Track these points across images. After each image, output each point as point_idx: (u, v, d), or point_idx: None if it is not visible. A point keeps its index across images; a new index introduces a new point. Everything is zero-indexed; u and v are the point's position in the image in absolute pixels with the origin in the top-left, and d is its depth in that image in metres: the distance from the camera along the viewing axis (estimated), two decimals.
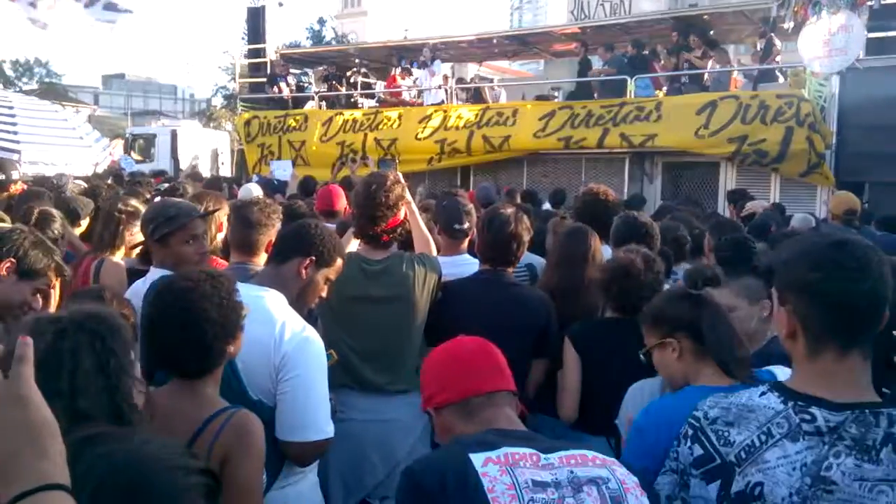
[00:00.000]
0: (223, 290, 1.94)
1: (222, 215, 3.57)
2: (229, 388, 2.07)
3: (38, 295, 2.32)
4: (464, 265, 3.52)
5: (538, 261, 4.06)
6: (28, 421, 0.92)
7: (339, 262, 2.56)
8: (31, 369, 0.95)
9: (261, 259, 3.01)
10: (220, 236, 3.59)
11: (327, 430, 2.24)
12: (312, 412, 2.20)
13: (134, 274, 3.29)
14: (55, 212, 3.88)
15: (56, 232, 3.70)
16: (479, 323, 2.41)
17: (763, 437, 1.45)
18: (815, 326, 1.46)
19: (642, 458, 1.85)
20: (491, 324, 2.51)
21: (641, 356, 2.25)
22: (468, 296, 3.14)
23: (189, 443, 1.78)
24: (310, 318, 2.54)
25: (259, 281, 2.44)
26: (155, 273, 2.81)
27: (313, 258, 2.44)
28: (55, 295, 2.44)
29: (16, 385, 0.93)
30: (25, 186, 5.80)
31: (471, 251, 3.68)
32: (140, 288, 2.70)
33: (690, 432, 1.58)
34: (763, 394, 1.52)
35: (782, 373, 1.95)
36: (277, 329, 2.22)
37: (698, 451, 1.55)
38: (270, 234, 2.95)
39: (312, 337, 2.29)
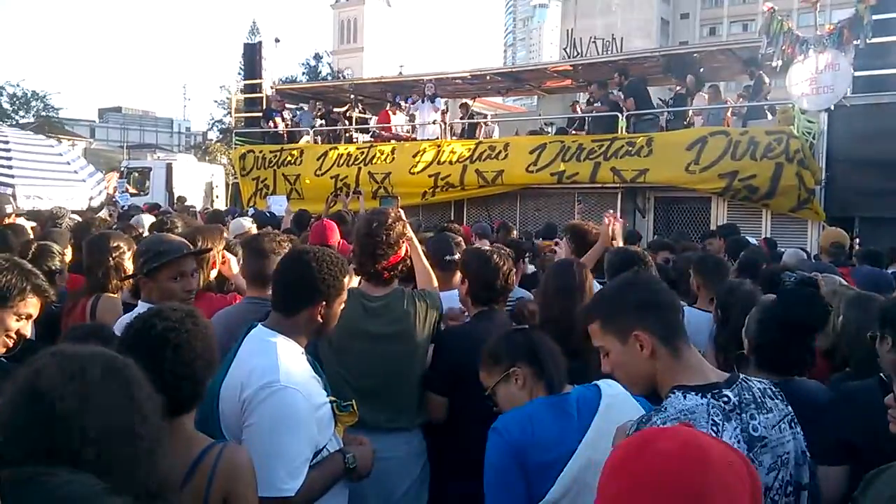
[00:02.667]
0: (202, 324, 1.95)
1: (216, 253, 3.58)
2: (205, 425, 2.05)
3: (23, 319, 2.21)
4: (456, 300, 3.52)
5: (529, 296, 4.07)
6: None
7: (347, 281, 2.44)
8: None
9: None
10: (214, 272, 3.59)
11: (283, 487, 2.07)
12: (266, 467, 2.03)
13: (126, 307, 3.28)
14: (56, 247, 3.88)
15: (55, 266, 3.70)
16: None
17: (715, 429, 1.66)
18: (665, 335, 1.77)
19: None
20: None
21: (487, 398, 2.32)
22: (466, 342, 2.98)
23: (185, 479, 1.76)
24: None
25: (271, 327, 2.35)
26: (142, 307, 2.78)
27: (324, 302, 2.33)
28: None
29: None
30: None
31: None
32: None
33: None
34: (685, 396, 1.72)
35: (606, 385, 2.13)
36: (245, 373, 2.17)
37: None
38: None
39: (280, 390, 2.13)
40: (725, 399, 1.70)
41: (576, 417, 2.08)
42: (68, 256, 4.40)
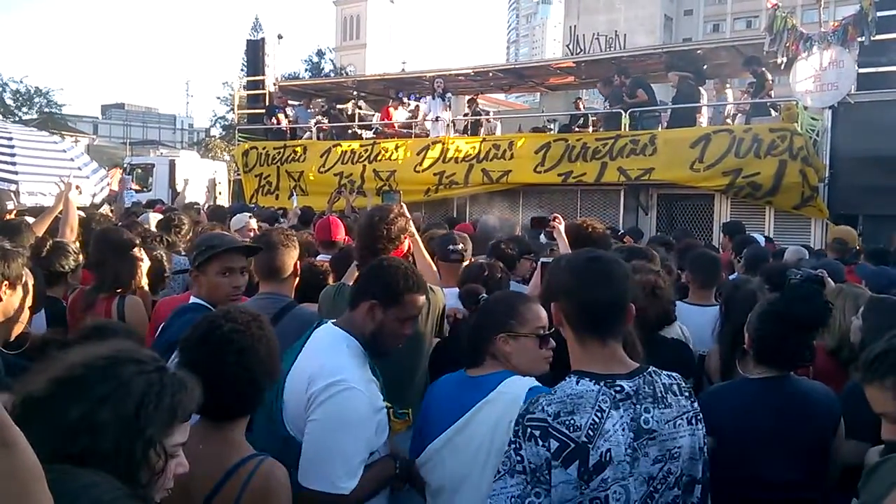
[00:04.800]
0: (268, 331, 1.91)
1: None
2: (269, 419, 2.06)
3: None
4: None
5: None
6: (12, 468, 0.89)
7: (413, 300, 2.41)
8: (6, 413, 0.91)
9: (289, 285, 3.07)
10: None
11: (340, 485, 2.11)
12: (324, 462, 2.11)
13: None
14: (72, 246, 3.89)
15: (67, 266, 3.71)
16: None
17: (599, 414, 1.75)
18: (574, 322, 1.88)
19: None
20: None
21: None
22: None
23: (215, 488, 1.73)
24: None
25: (340, 325, 2.40)
26: (192, 301, 2.90)
27: (376, 301, 2.35)
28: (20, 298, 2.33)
29: (2, 430, 0.89)
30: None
31: None
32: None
33: (538, 433, 1.75)
34: (578, 382, 1.81)
35: (513, 383, 2.25)
36: (315, 368, 2.20)
37: (555, 444, 1.73)
38: (294, 255, 3.05)
39: (346, 389, 2.17)
40: (618, 388, 1.79)
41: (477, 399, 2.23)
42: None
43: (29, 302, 2.34)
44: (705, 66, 12.70)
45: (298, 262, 3.19)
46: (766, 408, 2.49)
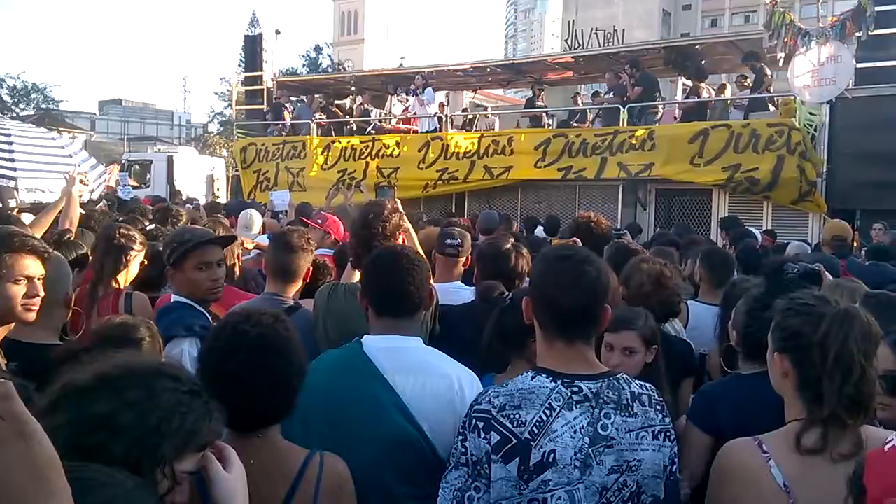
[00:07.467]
0: (293, 330, 1.84)
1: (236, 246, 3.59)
2: (304, 423, 1.95)
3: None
4: (456, 292, 3.52)
5: None
6: (31, 459, 0.90)
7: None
8: (23, 405, 0.92)
9: (296, 288, 3.08)
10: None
11: None
12: None
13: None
14: (83, 244, 3.89)
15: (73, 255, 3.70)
16: (472, 352, 2.42)
17: (548, 412, 1.68)
18: (542, 321, 1.81)
19: None
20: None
21: None
22: (464, 323, 3.12)
23: (287, 497, 1.68)
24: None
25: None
26: (174, 300, 2.88)
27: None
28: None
29: (17, 423, 0.90)
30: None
31: (465, 280, 3.70)
32: None
33: (481, 424, 1.71)
34: (533, 377, 1.74)
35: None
36: (456, 382, 2.08)
37: (496, 437, 1.68)
38: (309, 259, 3.07)
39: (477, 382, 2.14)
40: (576, 389, 1.71)
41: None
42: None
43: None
44: (703, 62, 12.70)
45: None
46: (763, 405, 2.49)
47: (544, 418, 1.67)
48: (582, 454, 1.66)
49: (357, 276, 3.17)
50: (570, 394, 1.70)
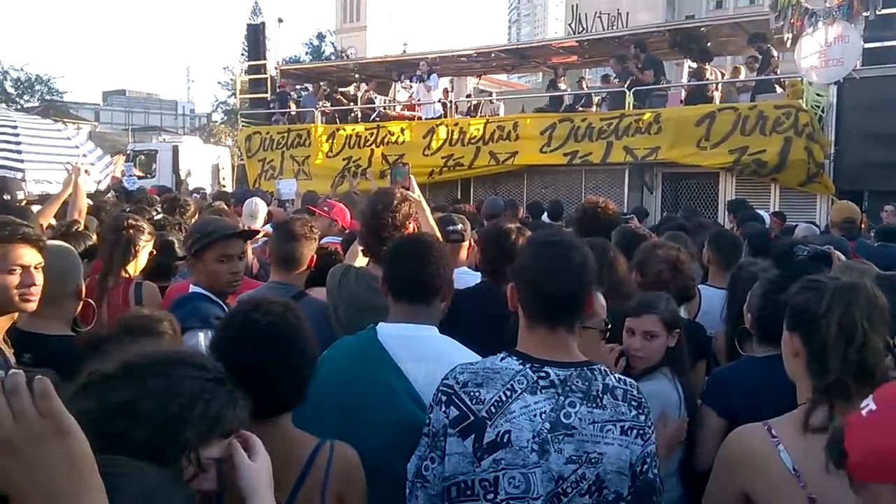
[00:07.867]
0: (304, 318, 1.84)
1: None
2: (315, 412, 1.95)
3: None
4: (462, 277, 3.51)
5: None
6: (69, 455, 0.91)
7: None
8: (61, 403, 0.93)
9: (302, 277, 3.08)
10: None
11: None
12: None
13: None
14: (91, 234, 3.91)
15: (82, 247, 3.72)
16: (476, 334, 2.41)
17: (508, 393, 1.69)
18: (527, 307, 1.80)
19: None
20: (486, 334, 2.51)
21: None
22: (466, 306, 3.09)
23: (297, 484, 1.70)
24: None
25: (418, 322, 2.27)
26: (192, 290, 2.89)
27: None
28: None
29: (56, 420, 0.91)
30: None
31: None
32: None
33: (444, 398, 1.75)
34: (503, 358, 1.76)
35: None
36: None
37: (454, 412, 1.72)
38: (313, 248, 3.10)
39: None
40: (544, 374, 1.70)
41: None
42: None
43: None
44: (708, 44, 12.61)
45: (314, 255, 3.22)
46: (777, 388, 2.48)
47: (503, 398, 1.68)
48: (539, 438, 1.66)
49: (360, 256, 3.18)
50: (536, 378, 1.70)
